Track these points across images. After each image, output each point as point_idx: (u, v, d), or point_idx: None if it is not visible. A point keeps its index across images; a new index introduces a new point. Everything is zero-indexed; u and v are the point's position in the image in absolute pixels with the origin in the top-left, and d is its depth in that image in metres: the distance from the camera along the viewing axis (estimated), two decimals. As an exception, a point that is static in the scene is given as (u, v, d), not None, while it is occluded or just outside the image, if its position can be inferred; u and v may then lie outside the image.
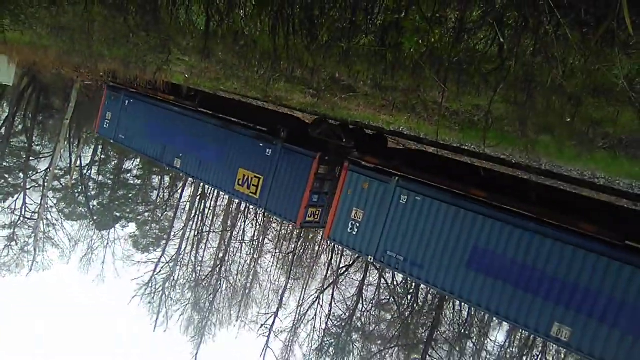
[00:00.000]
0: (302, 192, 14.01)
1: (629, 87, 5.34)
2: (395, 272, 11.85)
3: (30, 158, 41.35)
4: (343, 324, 31.49)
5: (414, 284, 29.45)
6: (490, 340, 29.12)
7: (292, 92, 12.68)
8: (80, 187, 42.97)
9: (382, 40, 6.44)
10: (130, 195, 44.69)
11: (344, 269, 32.70)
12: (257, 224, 37.27)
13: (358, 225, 12.68)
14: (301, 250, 35.32)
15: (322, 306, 32.13)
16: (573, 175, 11.43)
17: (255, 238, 37.49)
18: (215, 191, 35.45)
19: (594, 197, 11.93)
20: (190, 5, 7.78)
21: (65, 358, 36.52)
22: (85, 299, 38.64)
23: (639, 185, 10.39)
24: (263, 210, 15.59)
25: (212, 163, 16.28)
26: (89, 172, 44.12)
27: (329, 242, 14.61)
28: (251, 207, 17.76)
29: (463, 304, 24.28)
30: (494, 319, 24.06)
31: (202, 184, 36.97)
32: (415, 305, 30.33)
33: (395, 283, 31.37)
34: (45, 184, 39.37)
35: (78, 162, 43.15)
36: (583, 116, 7.14)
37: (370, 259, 12.58)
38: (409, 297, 30.89)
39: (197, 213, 39.27)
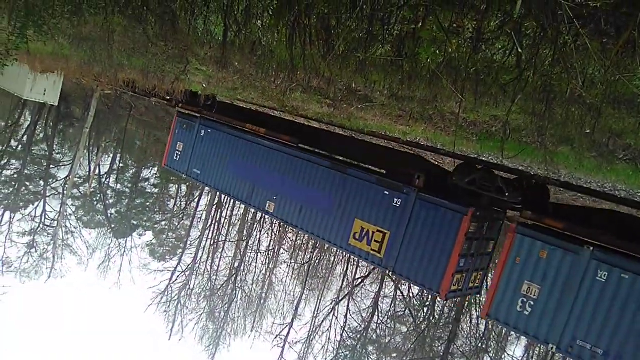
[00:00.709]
0: (447, 256, 11.46)
1: (651, 98, 5.26)
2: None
3: (51, 166, 42.04)
4: (358, 336, 31.27)
5: (430, 296, 29.14)
6: (508, 354, 28.67)
7: (309, 102, 12.71)
8: (99, 195, 43.52)
9: (399, 51, 6.43)
10: (148, 203, 45.12)
11: (360, 280, 32.53)
12: (273, 233, 37.33)
13: (532, 303, 10.22)
14: (317, 261, 35.25)
15: (337, 317, 31.97)
16: (593, 187, 11.26)
17: (270, 248, 37.53)
18: (231, 201, 35.59)
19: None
20: (208, 15, 7.86)
21: (80, 365, 36.74)
22: (101, 307, 38.90)
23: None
24: (391, 273, 12.97)
25: (318, 210, 13.78)
26: (108, 180, 44.72)
27: (488, 321, 11.94)
28: (374, 268, 14.61)
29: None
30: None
31: (219, 194, 37.22)
32: (431, 318, 30.00)
33: (411, 295, 31.10)
34: (65, 192, 39.94)
35: (97, 171, 43.77)
36: (603, 127, 7.05)
37: (552, 349, 10.05)
38: (426, 309, 30.58)
39: (214, 222, 39.46)
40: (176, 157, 18.25)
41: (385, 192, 12.45)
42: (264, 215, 22.94)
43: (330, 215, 13.49)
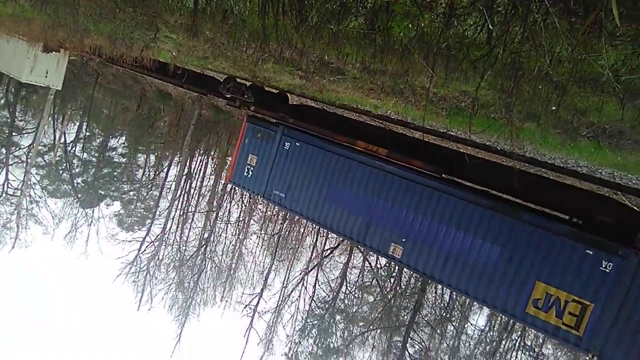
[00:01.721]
0: None
1: (614, 78, 5.41)
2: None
3: (13, 133, 40.76)
4: (326, 306, 31.81)
5: (397, 268, 29.74)
6: (471, 324, 29.66)
7: (281, 73, 12.62)
8: (64, 164, 42.52)
9: (372, 24, 6.42)
10: (115, 173, 44.33)
11: (329, 251, 32.92)
12: (243, 205, 37.28)
13: None
14: (286, 232, 35.45)
15: (306, 288, 32.40)
16: (556, 163, 11.57)
17: (240, 219, 37.52)
18: (201, 172, 35.33)
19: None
20: (179, -19, 7.68)
21: (47, 335, 36.50)
22: (68, 277, 38.51)
23: (620, 175, 10.56)
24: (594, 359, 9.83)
25: (474, 264, 10.81)
26: (74, 149, 43.63)
27: None
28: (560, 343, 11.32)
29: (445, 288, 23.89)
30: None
31: (188, 164, 36.84)
32: (398, 288, 30.69)
33: (378, 266, 31.69)
34: (29, 160, 38.90)
35: (62, 139, 42.66)
36: (568, 105, 7.23)
37: None
38: (392, 280, 31.25)
39: (183, 193, 39.12)
40: (247, 172, 14.75)
41: (588, 250, 9.62)
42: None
43: (495, 273, 10.60)
